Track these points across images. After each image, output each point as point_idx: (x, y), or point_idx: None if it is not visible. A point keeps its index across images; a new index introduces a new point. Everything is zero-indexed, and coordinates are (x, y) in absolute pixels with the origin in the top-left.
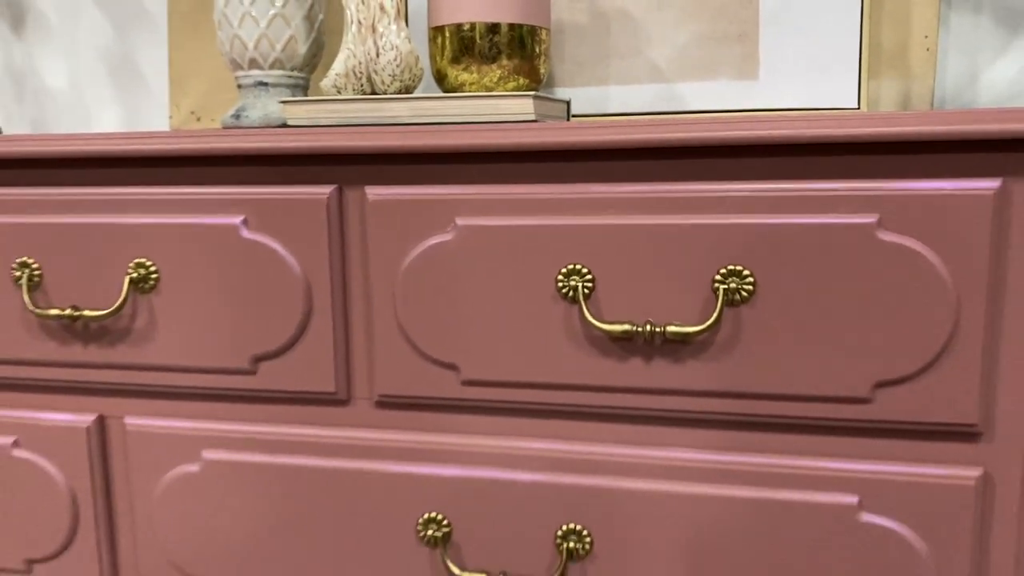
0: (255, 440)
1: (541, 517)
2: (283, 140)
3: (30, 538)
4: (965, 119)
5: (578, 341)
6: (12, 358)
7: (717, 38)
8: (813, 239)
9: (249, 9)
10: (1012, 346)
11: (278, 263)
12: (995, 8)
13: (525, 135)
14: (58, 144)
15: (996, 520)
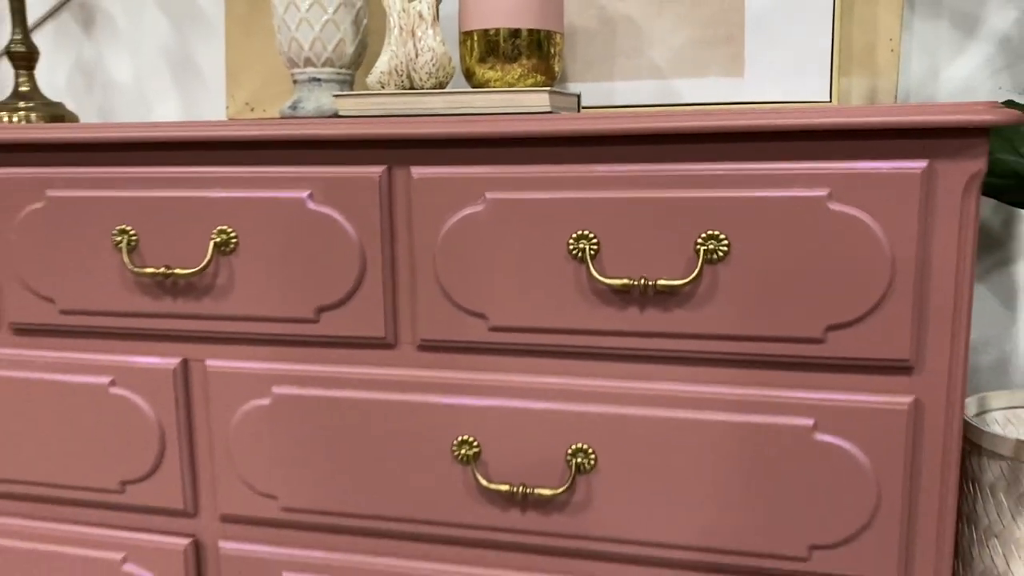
0: (317, 377)
1: (554, 439)
2: (341, 128)
3: (124, 463)
4: (899, 112)
5: (585, 294)
6: (111, 310)
7: (708, 41)
8: (777, 209)
9: (305, 15)
10: (938, 294)
11: (338, 230)
12: (953, 13)
13: (542, 124)
14: (155, 131)
15: (926, 438)
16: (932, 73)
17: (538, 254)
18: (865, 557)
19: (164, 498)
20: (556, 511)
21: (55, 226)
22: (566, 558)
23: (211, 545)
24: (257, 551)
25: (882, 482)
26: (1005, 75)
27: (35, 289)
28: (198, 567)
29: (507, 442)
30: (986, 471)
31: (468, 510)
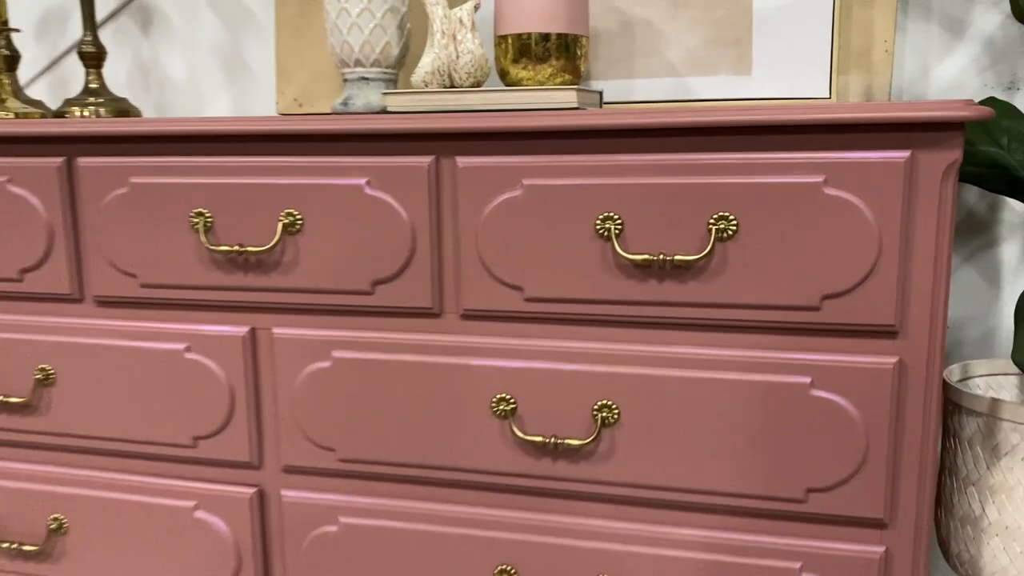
0: (372, 343)
1: (582, 396)
2: (396, 123)
3: (196, 421)
4: (886, 108)
5: (610, 268)
6: (187, 284)
7: (719, 42)
8: (779, 193)
9: (356, 20)
10: (919, 268)
11: (392, 213)
12: (942, 16)
13: (571, 119)
14: (229, 124)
15: (908, 393)
16: (923, 71)
17: (569, 233)
18: (855, 499)
19: (232, 452)
20: (583, 460)
21: (137, 209)
22: (591, 502)
23: (274, 494)
24: (316, 498)
25: (870, 432)
26: (990, 73)
27: (118, 265)
28: (262, 514)
29: (540, 399)
30: (965, 427)
31: (505, 459)
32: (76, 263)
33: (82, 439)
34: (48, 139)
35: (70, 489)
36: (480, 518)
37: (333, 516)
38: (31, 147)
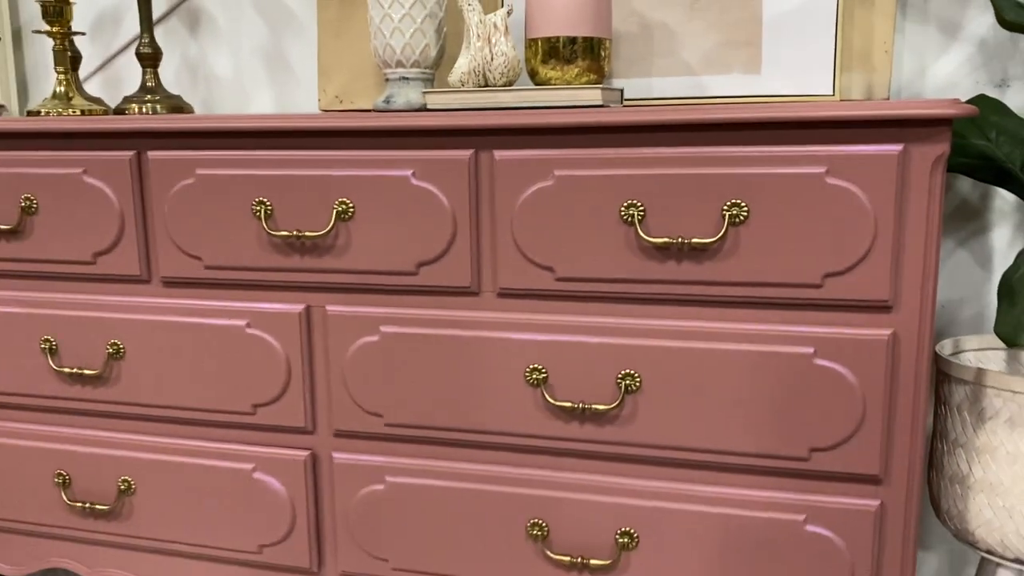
0: (416, 319)
1: (607, 366)
2: (440, 120)
3: (255, 390)
4: (881, 107)
5: (633, 250)
6: (248, 266)
7: (731, 44)
8: (786, 182)
9: (398, 25)
10: (911, 249)
11: (435, 201)
12: (938, 19)
13: (598, 116)
14: (287, 121)
15: (901, 362)
16: (920, 70)
17: (596, 219)
18: (854, 458)
19: (288, 418)
20: (608, 423)
21: (203, 198)
22: (615, 462)
23: (326, 456)
24: (365, 460)
25: (867, 397)
26: (982, 72)
27: (184, 249)
28: (315, 474)
29: (569, 369)
30: (954, 395)
31: (537, 423)
32: (145, 247)
33: (149, 408)
34: (121, 134)
35: (138, 453)
36: (514, 477)
37: (380, 476)
38: (104, 141)
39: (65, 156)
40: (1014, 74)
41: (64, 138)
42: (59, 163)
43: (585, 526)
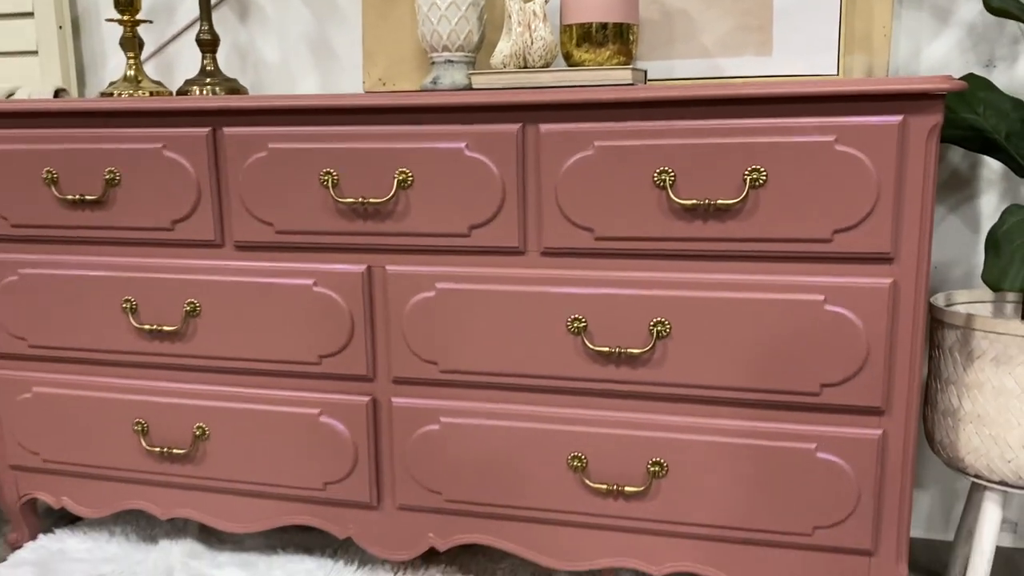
0: (468, 276)
1: (640, 315)
2: (493, 97)
3: (321, 343)
4: (883, 83)
5: (664, 212)
6: (314, 230)
7: (745, 28)
8: (800, 150)
9: (444, 13)
10: (909, 207)
11: (486, 170)
12: (932, 5)
13: (633, 92)
14: (354, 100)
15: (901, 307)
16: (915, 52)
17: (631, 184)
18: (858, 392)
19: (351, 367)
20: (641, 366)
21: (274, 170)
22: (647, 400)
23: (385, 401)
24: (421, 403)
25: (871, 338)
26: (971, 53)
27: (256, 215)
28: (375, 417)
29: (606, 318)
30: (946, 338)
31: (577, 367)
32: (219, 214)
33: (223, 360)
34: (199, 112)
35: (211, 402)
36: (556, 415)
37: (435, 417)
38: (182, 119)
39: (146, 133)
40: (1000, 55)
41: (146, 116)
42: (140, 139)
43: (620, 458)
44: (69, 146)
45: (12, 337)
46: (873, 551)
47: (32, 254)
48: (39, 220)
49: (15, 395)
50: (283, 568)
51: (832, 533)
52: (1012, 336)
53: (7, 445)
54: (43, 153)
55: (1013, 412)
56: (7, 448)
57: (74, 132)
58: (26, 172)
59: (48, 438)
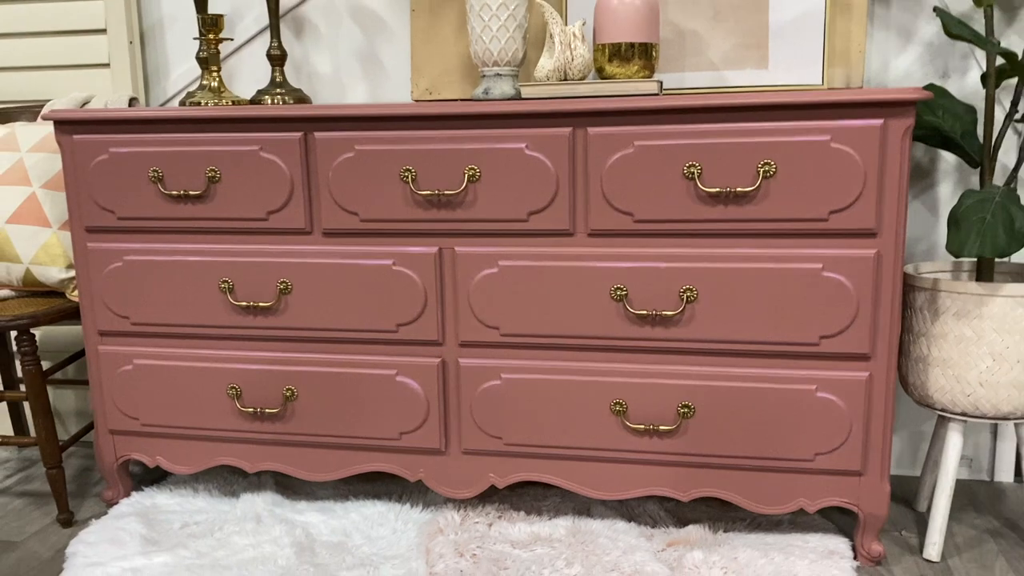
0: (527, 254)
1: (672, 283)
2: (552, 105)
3: (398, 313)
4: (868, 92)
5: (693, 198)
6: (396, 218)
7: (745, 46)
8: (802, 147)
9: (496, 34)
10: (888, 192)
11: (543, 167)
12: (898, 27)
13: (663, 101)
14: (430, 108)
15: (882, 273)
16: (884, 65)
17: (665, 176)
18: (850, 341)
19: (424, 334)
20: (673, 326)
21: (359, 168)
22: (678, 354)
23: (453, 362)
24: (484, 363)
25: (860, 297)
26: (929, 66)
27: (343, 206)
28: (444, 376)
29: (644, 287)
30: (917, 299)
31: (619, 328)
32: (309, 206)
33: (311, 331)
34: (293, 119)
35: (300, 368)
36: (601, 369)
37: (497, 374)
38: (276, 124)
39: (245, 136)
40: (953, 67)
41: (247, 122)
42: (240, 142)
43: (655, 402)
44: (174, 149)
45: (116, 316)
46: (863, 472)
47: (136, 243)
48: (144, 213)
49: (117, 367)
50: (358, 511)
51: (830, 458)
52: (969, 295)
53: (108, 412)
54: (149, 155)
55: (971, 356)
56: (108, 414)
57: (179, 136)
58: (133, 172)
59: (146, 404)
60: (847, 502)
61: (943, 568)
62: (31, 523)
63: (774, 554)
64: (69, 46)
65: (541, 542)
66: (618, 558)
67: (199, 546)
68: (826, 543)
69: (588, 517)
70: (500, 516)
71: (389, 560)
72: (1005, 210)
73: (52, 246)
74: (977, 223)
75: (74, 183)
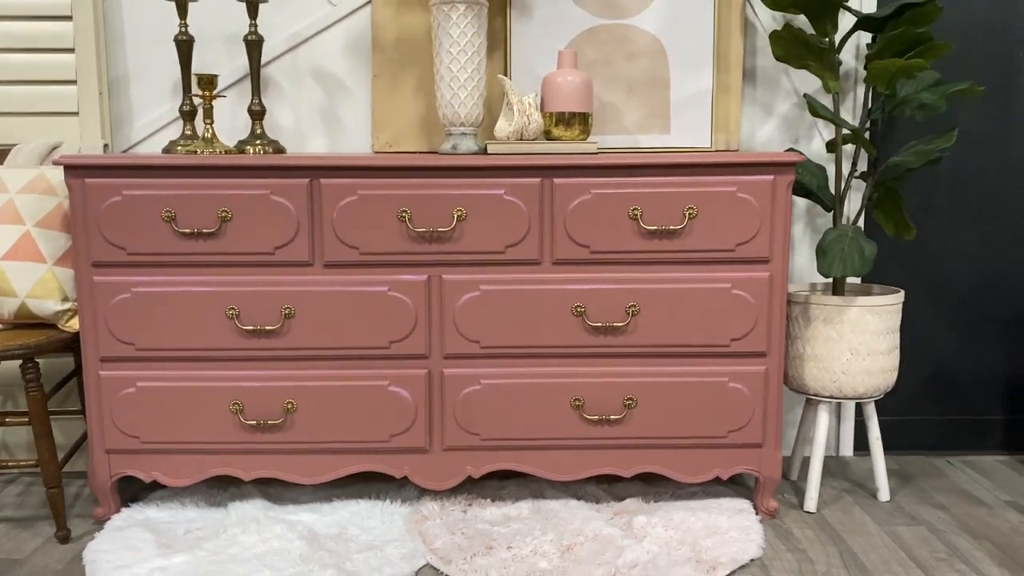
0: (503, 279)
1: (620, 300)
2: (524, 160)
3: (391, 332)
4: (766, 156)
5: (635, 234)
6: (390, 251)
7: (652, 115)
8: (715, 196)
9: (464, 100)
10: (777, 230)
11: (517, 208)
12: (761, 104)
13: (593, 158)
14: (424, 160)
15: (774, 291)
16: (752, 133)
17: (615, 216)
18: (752, 343)
19: (413, 349)
20: (621, 335)
21: (361, 209)
22: (625, 358)
23: (438, 372)
24: (466, 371)
25: (759, 310)
26: (786, 134)
27: (345, 242)
28: (430, 384)
29: (598, 304)
30: (794, 310)
31: (578, 338)
32: (312, 241)
33: (312, 350)
34: (301, 168)
35: (300, 383)
36: (563, 372)
37: (477, 380)
38: (283, 172)
39: (256, 182)
40: (802, 135)
41: (257, 169)
42: (250, 187)
43: (606, 398)
44: (187, 192)
45: (120, 343)
46: (762, 444)
47: (144, 276)
48: (153, 249)
49: (119, 390)
50: (345, 509)
51: (738, 435)
52: (833, 306)
53: (106, 432)
54: (163, 197)
55: (835, 351)
56: (105, 434)
57: (193, 181)
58: (145, 212)
59: (147, 423)
60: (751, 469)
61: (819, 517)
62: (24, 543)
63: (701, 513)
64: (39, 95)
65: (512, 520)
66: (580, 526)
67: (211, 546)
68: (734, 504)
69: (544, 499)
70: (471, 504)
71: (390, 544)
72: (857, 242)
73: (47, 281)
74: (839, 252)
75: (83, 222)
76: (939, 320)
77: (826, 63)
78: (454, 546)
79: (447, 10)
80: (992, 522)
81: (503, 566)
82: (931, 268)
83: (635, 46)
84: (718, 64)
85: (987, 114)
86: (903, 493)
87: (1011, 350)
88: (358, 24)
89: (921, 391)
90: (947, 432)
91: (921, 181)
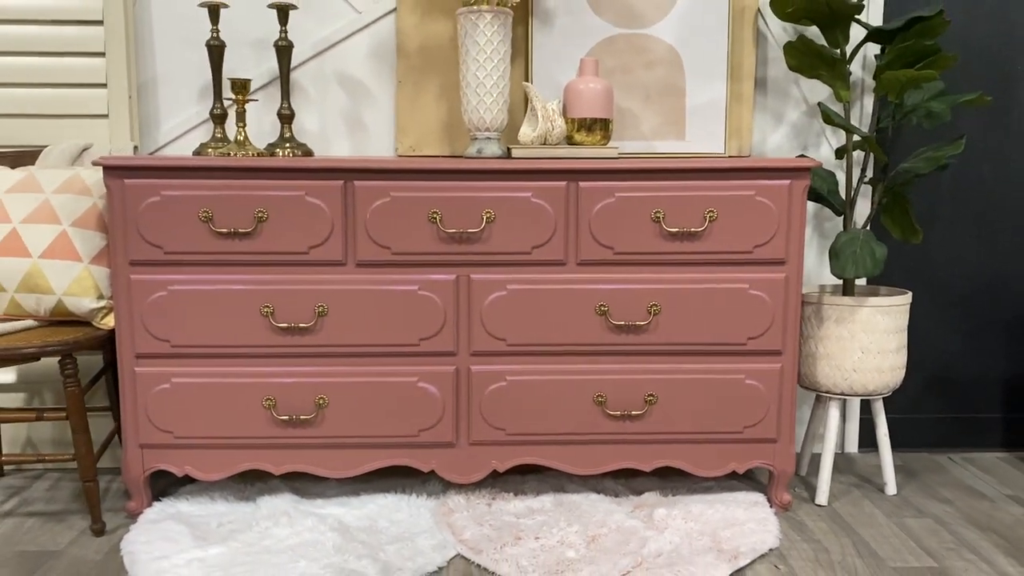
0: (530, 279)
1: (642, 300)
2: (551, 164)
3: (421, 329)
4: (783, 162)
5: (658, 236)
6: (422, 251)
7: (669, 122)
8: (735, 199)
9: (489, 106)
10: (794, 232)
11: (544, 211)
12: (772, 112)
13: (618, 163)
14: (454, 164)
15: (790, 291)
16: (763, 139)
17: (638, 219)
18: (768, 342)
19: (442, 346)
20: (642, 333)
21: (393, 210)
22: (647, 355)
23: (465, 369)
24: (493, 368)
25: (775, 309)
26: (795, 141)
27: (378, 242)
28: (457, 381)
29: (621, 304)
30: (807, 310)
31: (601, 336)
32: (346, 241)
33: (344, 347)
34: (336, 170)
35: (332, 379)
36: (587, 369)
37: (503, 376)
38: (318, 173)
39: (292, 183)
40: (811, 142)
41: (293, 171)
42: (286, 188)
43: (628, 394)
44: (224, 193)
45: (156, 339)
46: (777, 439)
47: (181, 274)
48: (190, 248)
49: (154, 386)
50: (372, 503)
51: (754, 430)
52: (845, 306)
53: (140, 427)
54: (201, 198)
55: (847, 350)
56: (139, 430)
57: (231, 182)
58: (183, 212)
59: (182, 418)
60: (766, 463)
61: (830, 510)
62: (59, 535)
63: (718, 505)
64: (70, 97)
65: (536, 513)
66: (603, 518)
67: (245, 538)
68: (749, 497)
69: (565, 492)
70: (495, 497)
71: (419, 535)
72: (868, 245)
73: (84, 279)
74: (851, 254)
75: (121, 221)
76: (941, 322)
77: (838, 73)
78: (483, 537)
79: (474, 18)
80: (996, 515)
81: (532, 555)
82: (934, 272)
83: (652, 55)
84: (732, 73)
85: (987, 123)
86: (909, 488)
87: (1010, 351)
88: (382, 31)
89: (924, 390)
90: (949, 430)
91: (925, 188)
